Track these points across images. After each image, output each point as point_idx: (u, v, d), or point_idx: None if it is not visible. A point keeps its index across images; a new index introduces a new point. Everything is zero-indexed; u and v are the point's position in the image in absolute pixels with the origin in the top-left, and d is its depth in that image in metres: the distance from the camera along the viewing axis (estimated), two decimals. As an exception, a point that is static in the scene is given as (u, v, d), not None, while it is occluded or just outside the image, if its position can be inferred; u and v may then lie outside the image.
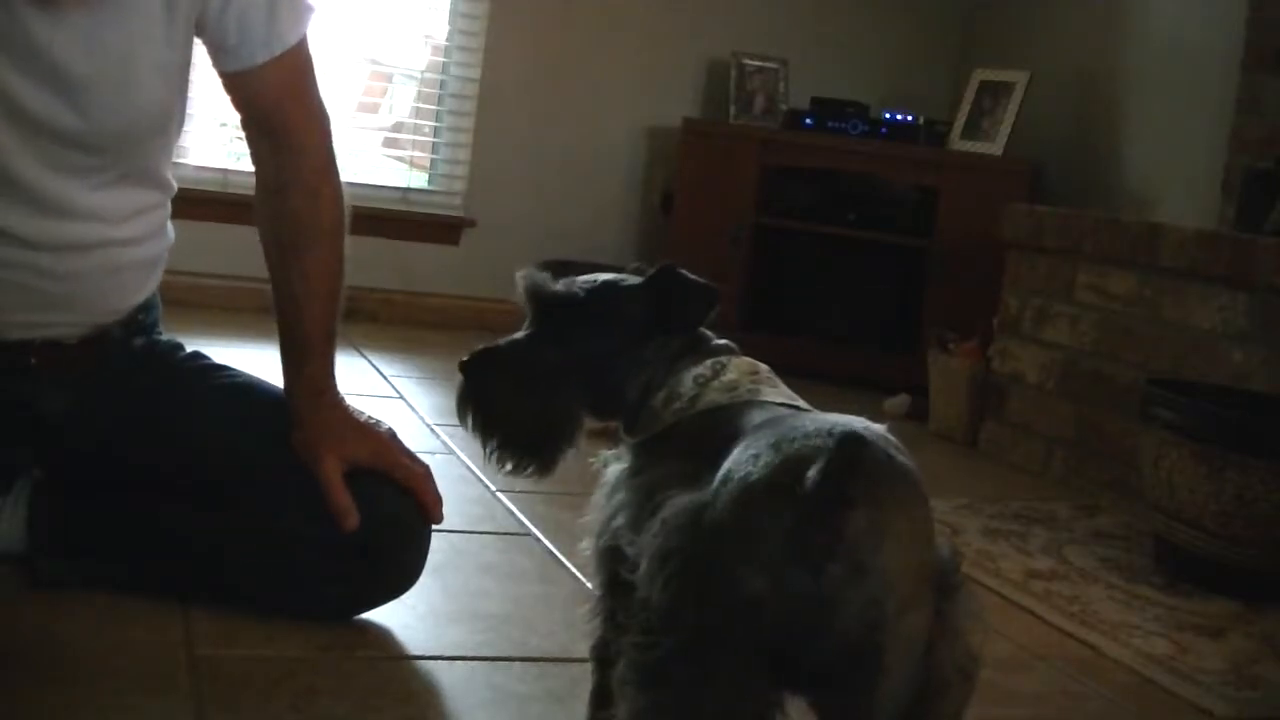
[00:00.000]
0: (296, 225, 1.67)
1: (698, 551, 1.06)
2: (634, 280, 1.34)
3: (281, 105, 1.66)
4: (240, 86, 1.65)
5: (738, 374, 1.28)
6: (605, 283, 1.33)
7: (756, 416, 1.20)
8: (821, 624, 1.02)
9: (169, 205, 1.75)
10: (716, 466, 1.12)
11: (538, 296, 1.32)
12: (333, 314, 1.70)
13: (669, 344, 1.32)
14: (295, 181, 1.67)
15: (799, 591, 1.01)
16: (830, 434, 1.06)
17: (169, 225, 1.76)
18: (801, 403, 1.27)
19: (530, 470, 1.33)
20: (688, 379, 1.29)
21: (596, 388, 1.32)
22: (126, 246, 1.66)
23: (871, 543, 1.02)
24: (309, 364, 1.68)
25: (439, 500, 1.70)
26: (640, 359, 1.31)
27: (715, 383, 1.27)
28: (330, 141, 1.72)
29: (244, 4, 1.59)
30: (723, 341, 1.35)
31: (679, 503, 1.10)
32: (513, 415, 1.31)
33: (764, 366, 1.32)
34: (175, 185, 1.74)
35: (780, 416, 1.19)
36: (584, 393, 1.32)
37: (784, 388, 1.30)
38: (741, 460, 1.09)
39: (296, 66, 1.65)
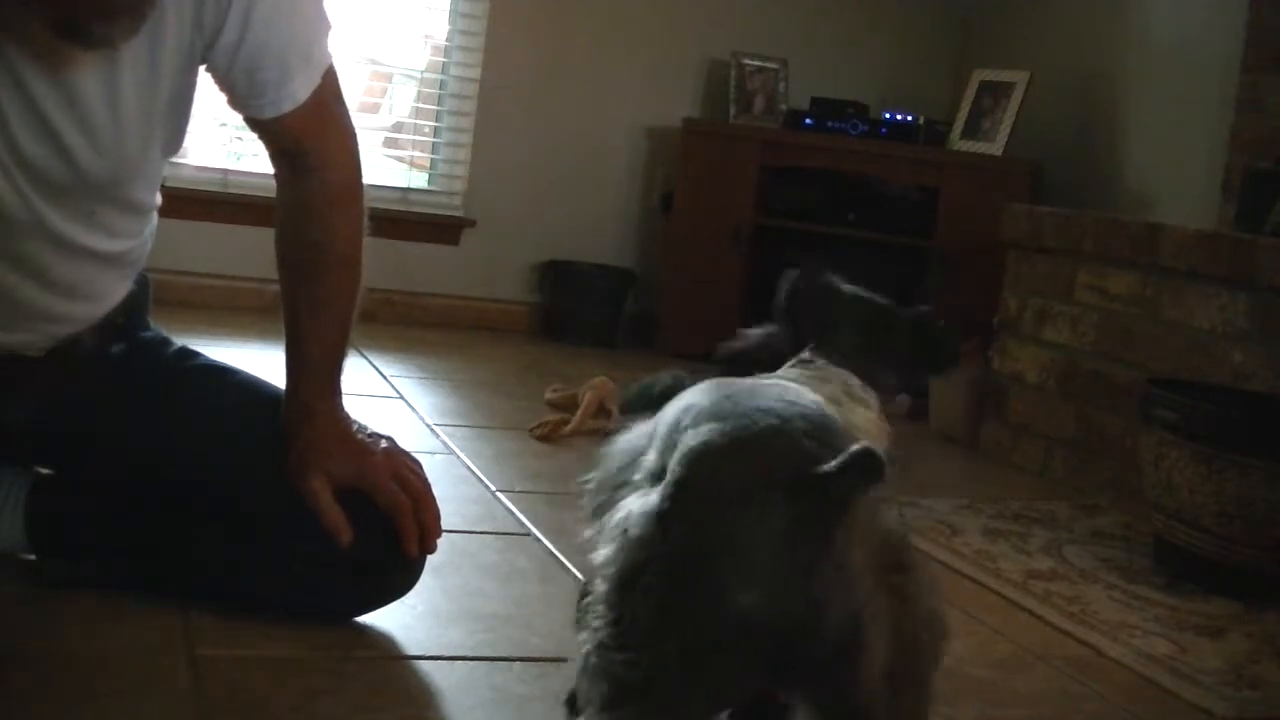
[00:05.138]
0: (307, 253, 1.63)
1: (677, 564, 1.02)
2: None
3: (301, 143, 1.60)
4: (256, 126, 1.60)
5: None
6: None
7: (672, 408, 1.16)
8: (813, 625, 1.01)
9: (154, 216, 1.69)
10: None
11: None
12: (338, 340, 1.66)
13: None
14: (311, 207, 1.62)
15: (793, 597, 1.01)
16: (782, 416, 1.05)
17: (149, 232, 1.70)
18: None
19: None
20: None
21: None
22: (100, 265, 1.60)
23: (847, 538, 1.02)
24: (304, 384, 1.65)
25: (432, 529, 1.65)
26: None
27: None
28: (355, 163, 1.65)
29: (252, 61, 1.50)
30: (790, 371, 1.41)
31: (634, 510, 1.06)
32: None
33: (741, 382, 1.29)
34: (160, 200, 1.69)
35: (710, 393, 1.13)
36: None
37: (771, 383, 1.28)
38: (693, 457, 1.03)
39: (317, 105, 1.57)
